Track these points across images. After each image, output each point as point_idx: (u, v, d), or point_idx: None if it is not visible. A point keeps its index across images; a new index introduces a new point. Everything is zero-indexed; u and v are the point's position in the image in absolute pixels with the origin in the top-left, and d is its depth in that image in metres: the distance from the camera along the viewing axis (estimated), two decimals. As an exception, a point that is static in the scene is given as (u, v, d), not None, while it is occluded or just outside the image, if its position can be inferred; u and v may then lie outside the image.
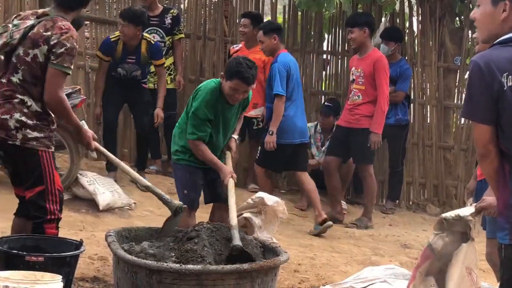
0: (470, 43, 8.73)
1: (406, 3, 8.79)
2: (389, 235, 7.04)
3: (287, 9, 8.58)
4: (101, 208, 6.29)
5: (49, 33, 3.97)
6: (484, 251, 4.31)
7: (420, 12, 8.73)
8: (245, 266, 3.87)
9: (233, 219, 4.32)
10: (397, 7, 8.70)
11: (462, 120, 8.77)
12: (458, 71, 8.64)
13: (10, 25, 4.10)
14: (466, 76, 8.76)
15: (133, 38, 6.93)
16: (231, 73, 4.73)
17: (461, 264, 3.60)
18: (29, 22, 4.05)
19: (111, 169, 6.98)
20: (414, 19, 8.85)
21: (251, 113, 7.52)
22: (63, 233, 5.36)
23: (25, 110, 4.03)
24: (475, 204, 3.66)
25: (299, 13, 8.59)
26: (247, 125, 7.62)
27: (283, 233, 6.29)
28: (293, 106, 6.85)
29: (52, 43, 3.95)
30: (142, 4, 7.61)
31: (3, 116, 4.02)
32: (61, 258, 3.84)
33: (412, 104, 8.34)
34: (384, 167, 8.29)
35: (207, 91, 4.82)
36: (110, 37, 7.21)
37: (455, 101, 8.68)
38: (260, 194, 4.94)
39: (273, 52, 6.93)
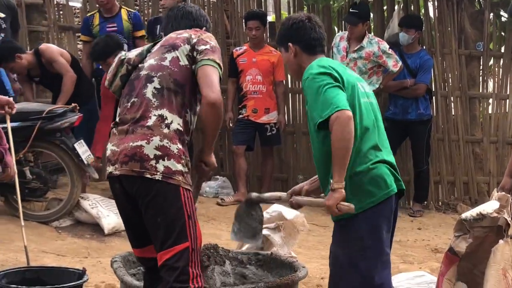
0: (492, 26, 8.71)
1: (420, -12, 8.80)
2: (418, 240, 7.03)
3: (291, 4, 8.56)
4: (106, 232, 6.33)
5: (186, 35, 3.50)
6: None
7: (435, -4, 8.72)
8: (261, 285, 3.88)
9: None
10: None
11: (490, 109, 8.75)
12: (481, 57, 8.60)
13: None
14: (491, 63, 8.74)
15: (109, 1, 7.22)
16: None
17: (497, 266, 3.59)
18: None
19: None
20: (430, 4, 8.84)
21: (263, 118, 7.61)
22: (66, 261, 5.43)
23: (165, 131, 3.34)
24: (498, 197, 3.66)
25: (305, 8, 8.60)
26: (259, 131, 7.68)
27: (303, 245, 6.30)
28: None
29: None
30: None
31: (135, 143, 3.31)
32: (63, 290, 3.88)
33: (434, 97, 8.33)
34: (408, 167, 8.27)
35: None
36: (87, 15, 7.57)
37: (480, 90, 8.65)
38: (277, 207, 4.87)
39: None
